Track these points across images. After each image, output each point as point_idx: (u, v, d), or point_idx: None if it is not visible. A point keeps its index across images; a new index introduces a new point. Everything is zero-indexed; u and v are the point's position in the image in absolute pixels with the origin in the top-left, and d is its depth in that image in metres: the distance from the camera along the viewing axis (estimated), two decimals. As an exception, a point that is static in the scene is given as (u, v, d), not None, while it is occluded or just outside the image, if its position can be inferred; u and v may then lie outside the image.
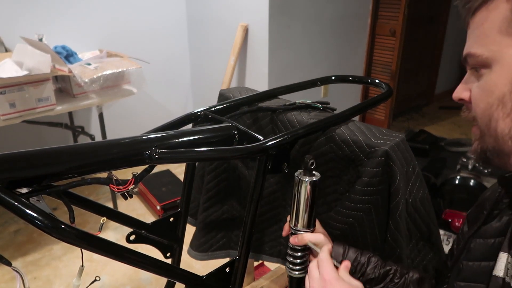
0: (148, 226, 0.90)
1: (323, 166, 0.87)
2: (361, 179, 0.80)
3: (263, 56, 2.47)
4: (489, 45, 0.47)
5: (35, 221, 0.56)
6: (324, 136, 0.86)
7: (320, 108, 0.96)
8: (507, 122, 0.47)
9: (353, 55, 3.10)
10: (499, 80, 0.47)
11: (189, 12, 2.94)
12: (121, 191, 0.70)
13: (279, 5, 2.36)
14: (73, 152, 0.67)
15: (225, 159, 1.02)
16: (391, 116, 3.41)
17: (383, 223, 0.82)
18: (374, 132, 0.82)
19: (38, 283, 1.83)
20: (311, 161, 0.74)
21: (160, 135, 0.76)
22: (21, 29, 2.19)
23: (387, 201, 0.80)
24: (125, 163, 0.71)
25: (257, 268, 1.84)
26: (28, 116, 1.79)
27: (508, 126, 0.47)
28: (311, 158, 0.74)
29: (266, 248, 1.12)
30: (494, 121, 0.48)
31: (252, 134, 0.83)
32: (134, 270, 1.87)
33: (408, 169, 0.81)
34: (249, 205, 0.79)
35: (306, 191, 0.75)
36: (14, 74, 1.68)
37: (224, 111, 0.97)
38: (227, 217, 1.17)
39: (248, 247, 0.81)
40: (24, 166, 0.61)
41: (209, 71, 2.96)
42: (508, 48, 0.46)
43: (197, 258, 1.19)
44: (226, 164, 1.12)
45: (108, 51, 2.24)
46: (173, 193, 2.36)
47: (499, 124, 0.48)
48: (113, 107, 2.73)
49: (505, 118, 0.47)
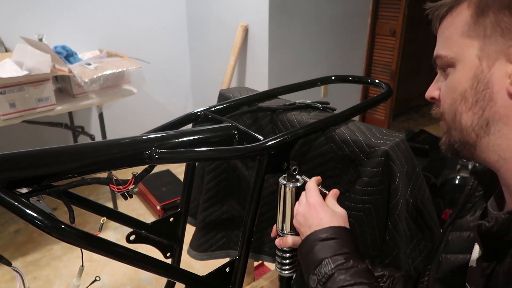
0: (148, 226, 0.90)
1: (323, 166, 0.87)
2: (361, 179, 0.80)
3: (263, 56, 2.47)
4: (453, 47, 0.53)
5: (35, 221, 0.56)
6: (324, 136, 0.86)
7: (320, 108, 0.96)
8: (469, 115, 0.51)
9: (353, 55, 3.10)
10: (462, 78, 0.52)
11: (189, 12, 2.94)
12: (121, 191, 0.70)
13: (279, 5, 2.36)
14: (73, 152, 0.67)
15: (225, 159, 1.02)
16: (391, 116, 3.41)
17: (383, 223, 0.82)
18: (374, 132, 0.82)
19: (38, 283, 1.83)
20: (293, 167, 0.76)
21: (160, 135, 0.76)
22: (21, 29, 2.19)
23: (387, 201, 0.80)
24: (125, 163, 0.71)
25: (257, 268, 1.84)
26: (28, 116, 1.79)
27: (471, 119, 0.51)
28: (295, 164, 0.77)
29: (266, 249, 1.12)
30: (458, 115, 0.53)
31: (252, 134, 0.83)
32: (134, 270, 1.87)
33: (409, 169, 0.81)
34: (249, 205, 0.79)
35: (291, 196, 0.76)
36: (14, 74, 1.68)
37: (224, 111, 0.97)
38: (227, 217, 1.17)
39: (248, 247, 0.81)
40: (24, 166, 0.61)
41: (209, 71, 2.96)
42: (468, 48, 0.51)
43: (196, 258, 1.19)
44: (226, 164, 1.12)
45: (108, 51, 2.24)
46: (173, 193, 2.36)
47: (463, 117, 0.52)
48: (113, 107, 2.73)
49: (467, 111, 0.52)
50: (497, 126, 0.49)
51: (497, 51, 0.48)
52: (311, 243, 0.63)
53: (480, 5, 0.50)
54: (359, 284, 0.56)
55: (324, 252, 0.61)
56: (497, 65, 0.48)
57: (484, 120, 0.50)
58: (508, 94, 0.47)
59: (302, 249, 0.65)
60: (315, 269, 0.60)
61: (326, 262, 0.59)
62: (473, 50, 0.50)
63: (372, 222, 0.81)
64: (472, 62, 0.50)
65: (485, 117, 0.50)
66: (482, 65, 0.50)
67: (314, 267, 0.61)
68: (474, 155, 0.54)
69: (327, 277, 0.58)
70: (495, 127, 0.49)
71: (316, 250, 0.62)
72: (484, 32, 0.49)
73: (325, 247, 0.61)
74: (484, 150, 0.52)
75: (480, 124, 0.51)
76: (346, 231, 0.64)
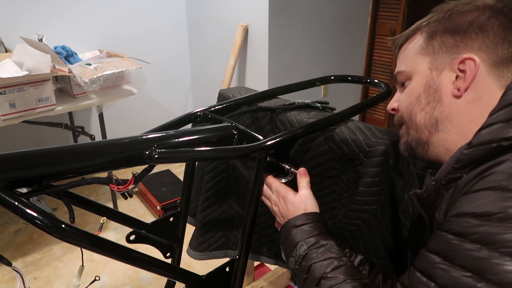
0: (148, 226, 0.90)
1: (321, 166, 0.88)
2: (363, 180, 0.80)
3: (263, 56, 2.47)
4: (410, 63, 0.68)
5: (35, 221, 0.56)
6: (323, 135, 0.86)
7: (319, 108, 0.97)
8: (422, 115, 0.65)
9: (353, 55, 3.10)
10: (416, 85, 0.66)
11: (189, 12, 2.94)
12: (121, 190, 0.70)
13: (279, 5, 2.36)
14: (73, 152, 0.68)
15: (225, 158, 1.03)
16: (391, 116, 3.41)
17: (390, 222, 0.82)
18: (373, 131, 0.82)
19: (38, 283, 1.83)
20: (286, 167, 0.80)
21: (160, 135, 0.76)
22: (21, 29, 2.19)
23: (390, 200, 0.80)
24: (125, 163, 0.71)
25: (257, 268, 1.84)
26: (28, 116, 1.79)
27: (423, 118, 0.64)
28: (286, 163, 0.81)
29: (264, 250, 1.12)
30: (413, 115, 0.66)
31: (251, 133, 0.83)
32: (134, 270, 1.87)
33: (404, 167, 0.81)
34: (249, 204, 0.79)
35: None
36: (14, 74, 1.68)
37: (223, 111, 0.97)
38: (226, 217, 1.17)
39: (248, 246, 0.81)
40: (24, 166, 0.62)
41: (209, 71, 2.96)
42: (422, 63, 0.66)
43: (195, 258, 1.19)
44: (225, 164, 1.12)
45: (108, 51, 2.25)
46: (173, 193, 2.36)
47: (417, 117, 0.65)
48: (113, 107, 2.73)
49: (421, 111, 0.65)
50: (443, 123, 0.62)
51: (443, 63, 0.63)
52: (286, 230, 0.72)
53: (429, 31, 0.65)
54: (328, 259, 0.63)
55: (298, 236, 0.69)
56: (443, 74, 0.63)
57: (434, 119, 0.63)
58: (452, 95, 0.61)
59: (281, 236, 0.74)
60: (292, 251, 0.69)
61: (300, 245, 0.68)
62: (425, 64, 0.65)
63: (380, 222, 0.81)
64: (425, 72, 0.65)
65: (435, 116, 0.63)
66: (432, 74, 0.64)
67: (291, 250, 0.69)
68: (427, 152, 0.66)
69: (302, 257, 0.66)
70: (442, 125, 0.62)
71: (291, 236, 0.70)
72: (433, 50, 0.64)
73: (299, 232, 0.70)
74: (435, 146, 0.64)
75: (431, 122, 0.63)
76: (315, 215, 0.72)
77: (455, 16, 0.62)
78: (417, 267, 0.49)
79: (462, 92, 0.59)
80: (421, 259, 0.49)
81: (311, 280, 0.63)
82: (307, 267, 0.64)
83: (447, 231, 0.46)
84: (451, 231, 0.46)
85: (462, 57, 0.60)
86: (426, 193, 0.59)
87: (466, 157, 0.52)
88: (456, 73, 0.61)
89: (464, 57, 0.59)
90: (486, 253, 0.41)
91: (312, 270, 0.63)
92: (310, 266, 0.64)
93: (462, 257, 0.43)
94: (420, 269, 0.48)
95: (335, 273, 0.61)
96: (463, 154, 0.53)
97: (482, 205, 0.44)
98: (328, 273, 0.61)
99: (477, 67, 0.58)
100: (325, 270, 0.62)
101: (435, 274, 0.45)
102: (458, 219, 0.46)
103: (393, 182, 0.79)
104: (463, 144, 0.57)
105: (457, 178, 0.53)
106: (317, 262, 0.63)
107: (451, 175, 0.54)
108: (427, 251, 0.48)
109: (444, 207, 0.52)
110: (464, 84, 0.59)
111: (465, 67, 0.59)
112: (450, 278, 0.43)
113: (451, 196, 0.52)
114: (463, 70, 0.60)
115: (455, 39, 0.62)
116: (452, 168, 0.54)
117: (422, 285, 0.46)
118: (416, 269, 0.49)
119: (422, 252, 0.50)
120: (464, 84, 0.59)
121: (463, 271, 0.43)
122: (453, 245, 0.45)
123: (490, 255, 0.41)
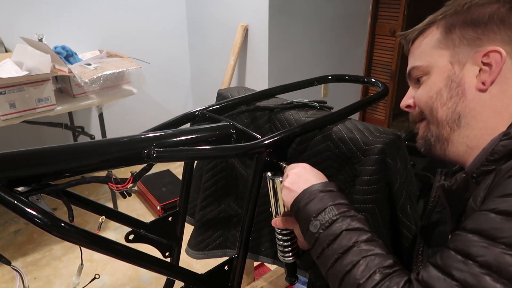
0: (147, 226, 0.90)
1: (319, 165, 0.88)
2: (360, 179, 0.80)
3: (263, 56, 2.47)
4: (426, 57, 0.65)
5: (35, 219, 0.56)
6: (321, 134, 0.86)
7: (317, 107, 0.97)
8: (444, 110, 0.63)
9: (353, 55, 3.10)
10: (437, 79, 0.64)
11: (189, 12, 2.94)
12: (120, 189, 0.71)
13: (279, 5, 2.36)
14: (72, 151, 0.68)
15: (223, 157, 1.03)
16: (391, 116, 3.41)
17: (388, 221, 0.82)
18: (370, 129, 0.83)
19: (38, 283, 1.83)
20: (283, 166, 0.79)
21: (159, 134, 0.77)
22: (21, 29, 2.20)
23: (387, 198, 0.81)
24: (124, 162, 0.71)
25: (257, 268, 1.84)
26: (28, 116, 1.80)
27: (445, 113, 0.62)
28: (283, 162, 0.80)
29: (263, 249, 1.12)
30: (434, 110, 0.64)
31: (249, 132, 0.83)
32: (134, 270, 1.88)
33: (401, 166, 0.81)
34: (247, 203, 0.79)
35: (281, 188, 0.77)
36: (14, 74, 1.68)
37: (222, 110, 0.98)
38: (224, 216, 1.17)
39: (247, 245, 0.81)
40: (24, 165, 0.62)
41: (209, 71, 2.96)
42: (441, 57, 0.63)
43: (193, 257, 1.19)
44: (223, 164, 1.12)
45: (108, 51, 2.25)
46: (173, 193, 2.36)
47: (438, 112, 0.63)
48: (113, 107, 2.74)
49: (442, 106, 0.63)
50: (466, 118, 0.60)
51: (466, 57, 0.61)
52: (311, 193, 0.67)
53: (447, 25, 0.63)
54: (361, 229, 0.60)
55: (326, 200, 0.65)
56: (466, 68, 0.61)
57: (457, 114, 0.61)
58: (477, 89, 0.59)
59: (301, 201, 0.67)
60: (317, 215, 0.64)
61: (330, 209, 0.63)
62: (445, 58, 0.63)
63: (377, 221, 0.81)
64: (445, 66, 0.63)
65: (457, 111, 0.61)
66: (454, 68, 0.62)
67: (316, 214, 0.64)
68: (446, 150, 0.64)
69: (331, 222, 0.62)
70: (465, 120, 0.60)
71: (318, 199, 0.65)
72: (453, 44, 0.62)
73: (327, 196, 0.65)
74: (455, 144, 0.62)
75: (454, 118, 0.61)
76: (340, 188, 0.69)
77: (474, 8, 0.61)
78: (453, 247, 0.48)
79: (487, 85, 0.58)
80: (457, 239, 0.48)
81: (338, 246, 0.59)
82: (337, 233, 0.60)
83: (491, 210, 0.46)
84: (495, 210, 0.45)
85: (486, 49, 0.58)
86: (455, 185, 0.58)
87: (504, 148, 0.51)
88: (480, 66, 0.59)
89: (489, 49, 0.58)
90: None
91: (343, 236, 0.60)
92: (342, 232, 0.60)
93: (509, 235, 0.43)
94: (456, 249, 0.47)
95: (370, 245, 0.57)
96: (501, 145, 0.52)
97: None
98: (362, 243, 0.58)
99: (503, 60, 0.57)
100: (357, 239, 0.58)
101: (474, 252, 0.45)
102: (505, 198, 0.45)
103: (390, 180, 0.80)
104: (487, 139, 0.57)
105: (491, 170, 0.52)
106: (351, 230, 0.60)
107: (485, 167, 0.54)
108: (464, 231, 0.48)
109: (482, 194, 0.51)
110: (490, 77, 0.58)
111: (489, 60, 0.58)
112: (493, 256, 0.43)
113: (491, 183, 0.51)
114: (487, 63, 0.58)
115: (477, 32, 0.60)
116: (487, 160, 0.53)
117: (459, 264, 0.46)
118: (451, 249, 0.48)
119: (457, 233, 0.49)
120: (490, 77, 0.58)
121: (508, 250, 0.42)
122: (499, 223, 0.44)
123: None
